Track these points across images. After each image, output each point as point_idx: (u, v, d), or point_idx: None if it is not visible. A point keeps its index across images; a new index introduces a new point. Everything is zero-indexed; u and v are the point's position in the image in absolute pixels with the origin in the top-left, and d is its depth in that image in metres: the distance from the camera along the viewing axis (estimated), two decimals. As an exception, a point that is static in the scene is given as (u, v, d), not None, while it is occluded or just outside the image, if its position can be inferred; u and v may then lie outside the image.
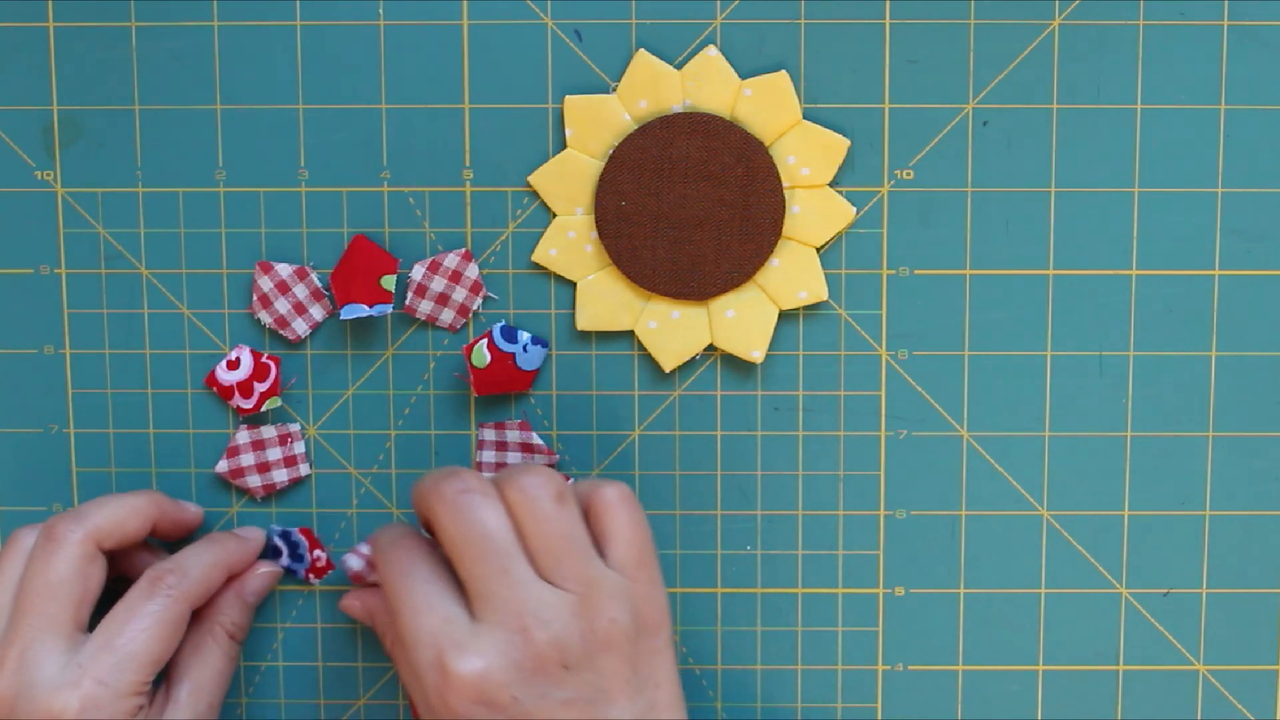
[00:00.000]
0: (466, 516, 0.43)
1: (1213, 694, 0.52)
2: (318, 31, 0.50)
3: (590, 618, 0.43)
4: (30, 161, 0.51)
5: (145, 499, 0.48)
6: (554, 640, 0.42)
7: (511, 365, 0.50)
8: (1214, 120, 0.50)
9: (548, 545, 0.44)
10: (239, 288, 0.51)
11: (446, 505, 0.44)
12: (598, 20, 0.50)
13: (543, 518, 0.44)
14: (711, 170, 0.49)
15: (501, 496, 0.44)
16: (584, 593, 0.43)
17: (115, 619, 0.46)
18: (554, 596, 0.43)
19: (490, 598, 0.43)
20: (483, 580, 0.43)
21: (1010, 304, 0.50)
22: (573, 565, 0.43)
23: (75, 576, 0.46)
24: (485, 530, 0.43)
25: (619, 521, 0.45)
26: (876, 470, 0.51)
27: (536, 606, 0.43)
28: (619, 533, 0.45)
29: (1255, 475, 0.51)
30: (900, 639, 0.52)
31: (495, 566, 0.43)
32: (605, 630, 0.43)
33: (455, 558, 0.44)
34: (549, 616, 0.42)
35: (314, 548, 0.51)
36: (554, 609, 0.43)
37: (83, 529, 0.46)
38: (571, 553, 0.44)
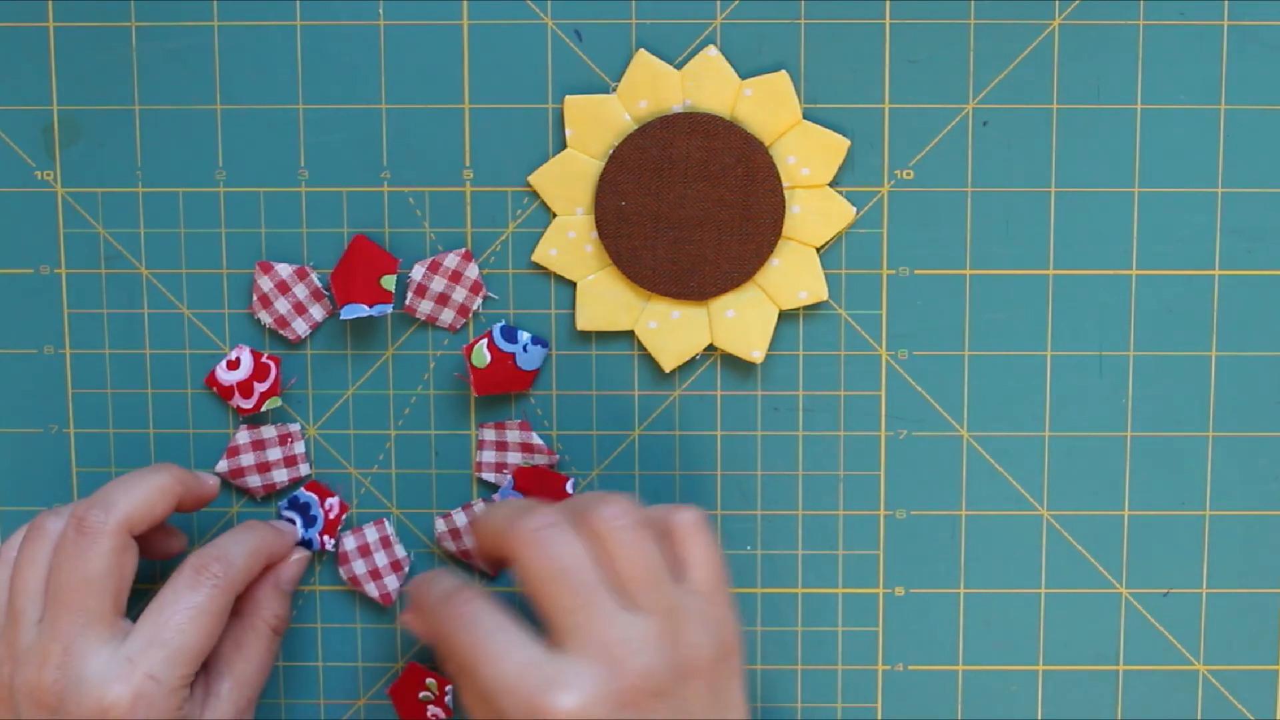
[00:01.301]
0: (549, 552, 0.43)
1: (1213, 694, 0.52)
2: (318, 31, 0.50)
3: (676, 644, 0.43)
4: (30, 161, 0.51)
5: (168, 477, 0.47)
6: (645, 670, 0.42)
7: (511, 365, 0.50)
8: (1214, 120, 0.50)
9: (631, 575, 0.43)
10: (239, 288, 0.51)
11: (526, 541, 0.43)
12: (598, 20, 0.50)
13: (624, 547, 0.43)
14: (711, 170, 0.49)
15: (580, 527, 0.44)
16: (668, 620, 0.43)
17: (163, 610, 0.45)
18: (641, 626, 0.42)
19: (578, 631, 0.42)
20: (569, 614, 0.42)
21: (1010, 304, 0.50)
22: (656, 593, 0.43)
23: (112, 568, 0.45)
24: (570, 564, 0.43)
25: (696, 546, 0.45)
26: (876, 470, 0.51)
27: (625, 637, 0.42)
28: (696, 557, 0.45)
29: (1255, 475, 0.51)
30: (900, 639, 0.52)
31: (583, 600, 0.42)
32: (690, 656, 0.43)
33: (538, 593, 0.43)
34: (639, 646, 0.42)
35: (324, 497, 0.51)
36: (642, 638, 0.42)
37: (114, 518, 0.45)
38: (654, 580, 0.43)
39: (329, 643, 0.52)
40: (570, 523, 0.44)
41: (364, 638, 0.52)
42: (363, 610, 0.52)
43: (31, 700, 0.44)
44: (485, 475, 0.51)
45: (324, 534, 0.51)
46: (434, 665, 0.52)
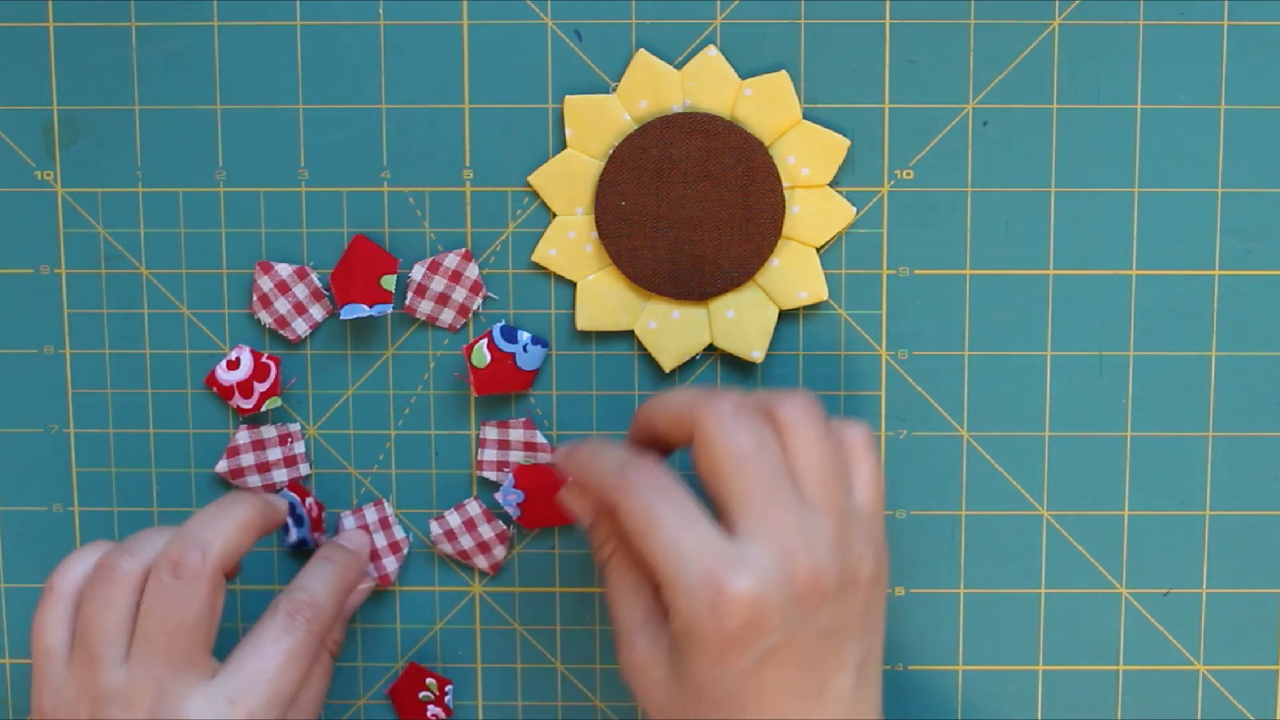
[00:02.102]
0: (738, 433, 0.42)
1: (1213, 694, 0.52)
2: (318, 31, 0.50)
3: (846, 550, 0.42)
4: (30, 161, 0.51)
5: (252, 512, 0.46)
6: (817, 567, 0.41)
7: (511, 365, 0.50)
8: (1214, 120, 0.50)
9: (814, 471, 0.43)
10: (239, 288, 0.51)
11: (717, 420, 0.42)
12: (598, 20, 0.50)
13: (811, 442, 0.43)
14: (711, 170, 0.49)
15: (768, 417, 0.43)
16: (841, 524, 0.42)
17: (260, 650, 0.45)
18: (818, 522, 0.42)
19: (759, 516, 0.41)
20: (750, 498, 0.42)
21: (1010, 304, 0.50)
22: (834, 494, 0.43)
23: (209, 610, 0.44)
24: (756, 448, 0.42)
25: (865, 463, 0.44)
26: (876, 470, 0.51)
27: (804, 530, 0.41)
28: (863, 474, 0.44)
29: (1255, 475, 0.51)
30: (900, 639, 0.52)
31: (767, 485, 0.42)
32: (855, 565, 0.42)
33: (721, 473, 0.42)
34: (815, 542, 0.41)
35: (304, 497, 0.51)
36: (819, 535, 0.42)
37: (211, 561, 0.44)
38: (834, 482, 0.43)
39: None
40: (759, 410, 0.43)
41: (364, 637, 0.52)
42: (363, 610, 0.52)
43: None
44: (486, 474, 0.51)
45: (314, 531, 0.51)
46: (433, 665, 0.52)
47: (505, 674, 0.52)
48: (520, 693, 0.52)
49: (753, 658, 0.41)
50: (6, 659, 0.53)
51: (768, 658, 0.41)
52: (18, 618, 0.52)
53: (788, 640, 0.41)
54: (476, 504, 0.51)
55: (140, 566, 0.45)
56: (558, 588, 0.52)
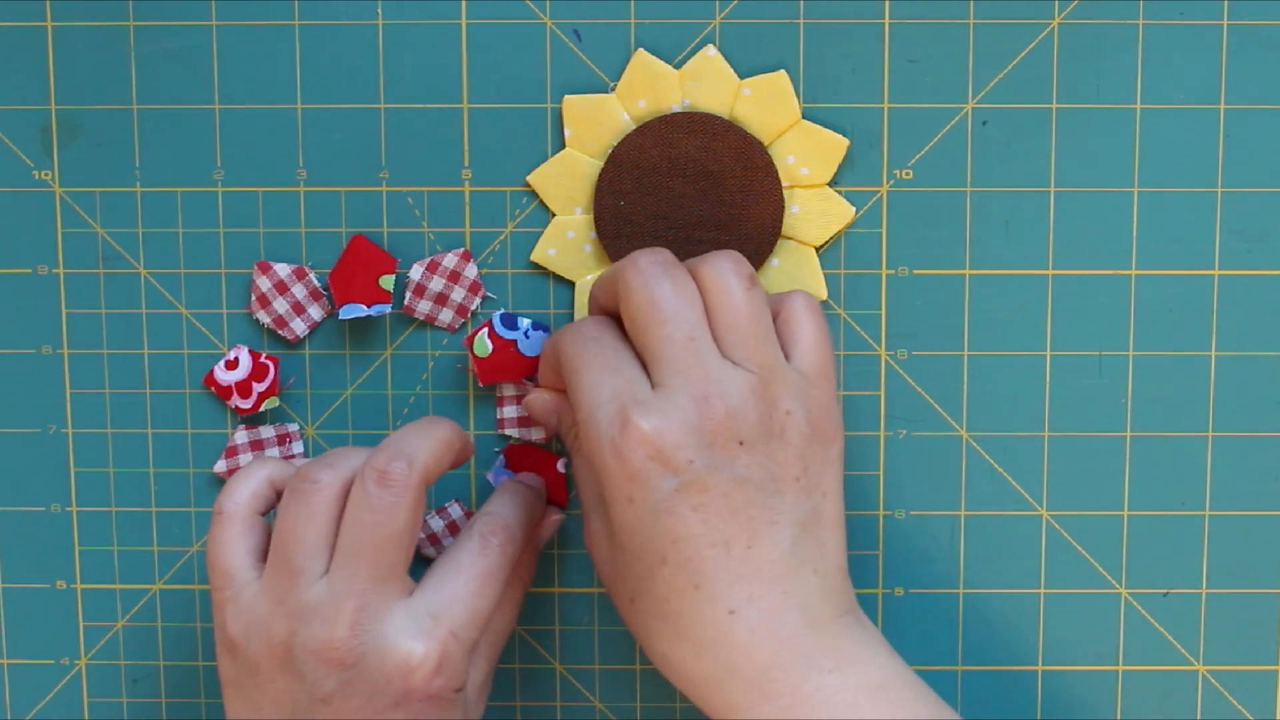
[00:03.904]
0: (658, 284, 0.43)
1: (1213, 694, 0.52)
2: (316, 31, 0.50)
3: (769, 403, 0.43)
4: (28, 161, 0.51)
5: (451, 431, 0.45)
6: (732, 413, 0.42)
7: (514, 352, 0.50)
8: (1214, 120, 0.50)
9: (735, 326, 0.43)
10: (237, 288, 0.51)
11: (638, 273, 0.44)
12: (597, 20, 0.50)
13: (733, 298, 0.44)
14: (711, 170, 0.49)
15: (693, 275, 0.44)
16: (765, 378, 0.43)
17: (459, 571, 0.44)
18: (735, 373, 0.43)
19: (673, 364, 0.42)
20: (667, 346, 0.43)
21: (1010, 304, 0.50)
22: (757, 350, 0.43)
23: (413, 523, 0.43)
24: (675, 299, 0.43)
25: (805, 327, 0.45)
26: (876, 470, 0.51)
27: (719, 378, 0.42)
28: (804, 338, 0.45)
29: (1255, 475, 0.51)
30: (900, 639, 0.52)
31: (682, 335, 0.43)
32: (781, 420, 0.43)
33: (641, 324, 0.43)
34: (730, 390, 0.42)
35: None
36: (735, 385, 0.42)
37: (418, 472, 0.43)
38: (756, 337, 0.43)
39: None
40: (683, 267, 0.44)
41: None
42: (361, 610, 0.52)
43: (320, 658, 0.42)
44: (509, 431, 0.51)
45: None
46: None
47: (504, 674, 0.52)
48: (519, 693, 0.52)
49: (662, 494, 0.42)
50: (5, 659, 0.53)
51: (680, 495, 0.42)
52: (17, 618, 0.52)
53: (702, 481, 0.42)
54: (457, 506, 0.51)
55: (341, 479, 0.44)
56: (557, 588, 0.52)
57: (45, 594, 0.52)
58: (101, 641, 0.52)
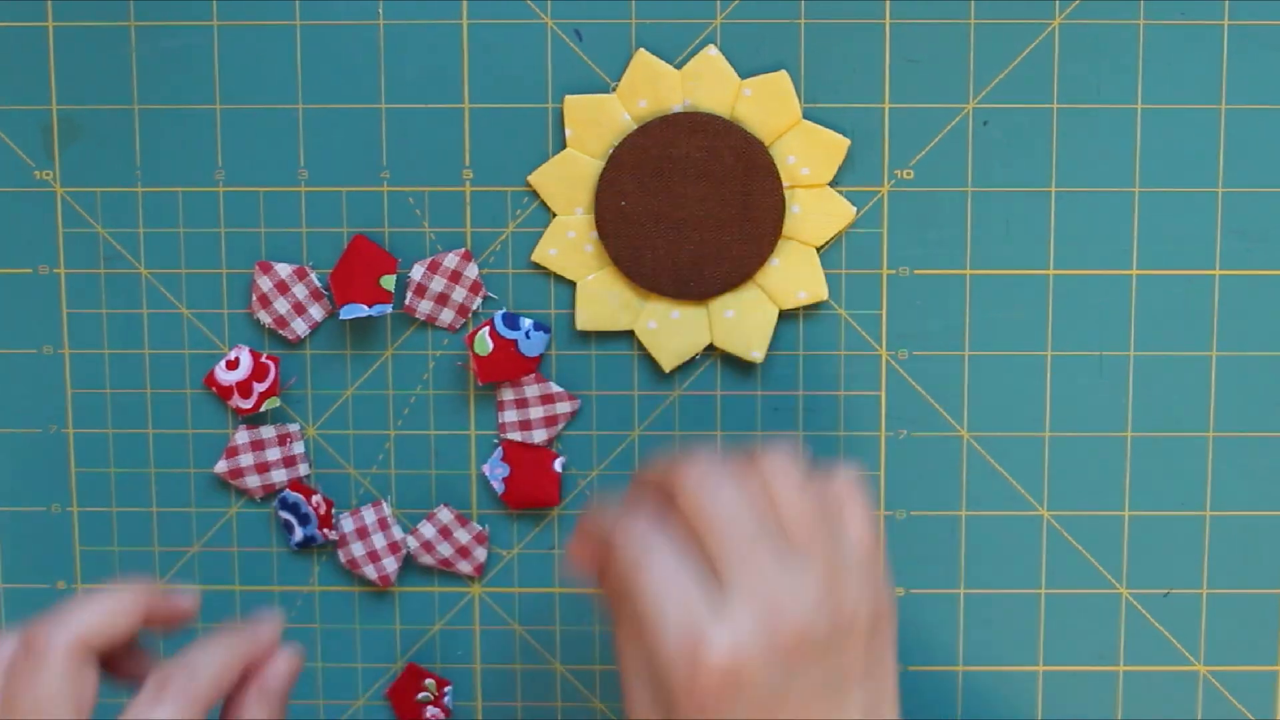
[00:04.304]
0: (716, 494, 0.42)
1: (1213, 694, 0.52)
2: (317, 31, 0.50)
3: (838, 600, 0.41)
4: (29, 161, 0.51)
5: (130, 594, 0.42)
6: (805, 620, 0.41)
7: (514, 352, 0.50)
8: (1214, 120, 0.50)
9: (798, 522, 0.42)
10: (238, 288, 0.51)
11: (695, 481, 0.42)
12: (597, 20, 0.50)
13: (793, 491, 0.42)
14: (711, 170, 0.49)
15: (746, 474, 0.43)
16: (831, 574, 0.42)
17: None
18: (805, 575, 0.41)
19: (742, 570, 0.41)
20: (733, 554, 0.41)
21: (1010, 304, 0.50)
22: (822, 544, 0.42)
23: (66, 692, 0.40)
24: (736, 507, 0.42)
25: (855, 505, 0.44)
26: (876, 470, 0.51)
27: (789, 585, 0.41)
28: (854, 517, 0.44)
29: (1255, 475, 0.51)
30: (900, 639, 0.52)
31: (747, 537, 0.41)
32: (850, 614, 0.42)
33: (705, 532, 0.42)
34: (801, 596, 0.41)
35: (308, 496, 0.51)
36: (805, 589, 0.41)
37: (66, 636, 0.40)
38: (819, 532, 0.42)
39: (328, 643, 0.52)
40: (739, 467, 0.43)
41: (363, 638, 0.52)
42: (362, 610, 0.52)
43: None
44: (510, 435, 0.51)
45: (322, 528, 0.51)
46: (432, 666, 0.52)
47: (504, 675, 0.52)
48: (519, 693, 0.52)
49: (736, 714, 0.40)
50: (5, 659, 0.52)
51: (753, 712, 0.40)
52: (16, 618, 0.52)
53: (776, 697, 0.41)
54: (447, 511, 0.51)
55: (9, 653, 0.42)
56: (557, 588, 0.52)
57: (45, 594, 0.52)
58: (102, 642, 0.52)
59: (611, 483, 0.51)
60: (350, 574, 0.52)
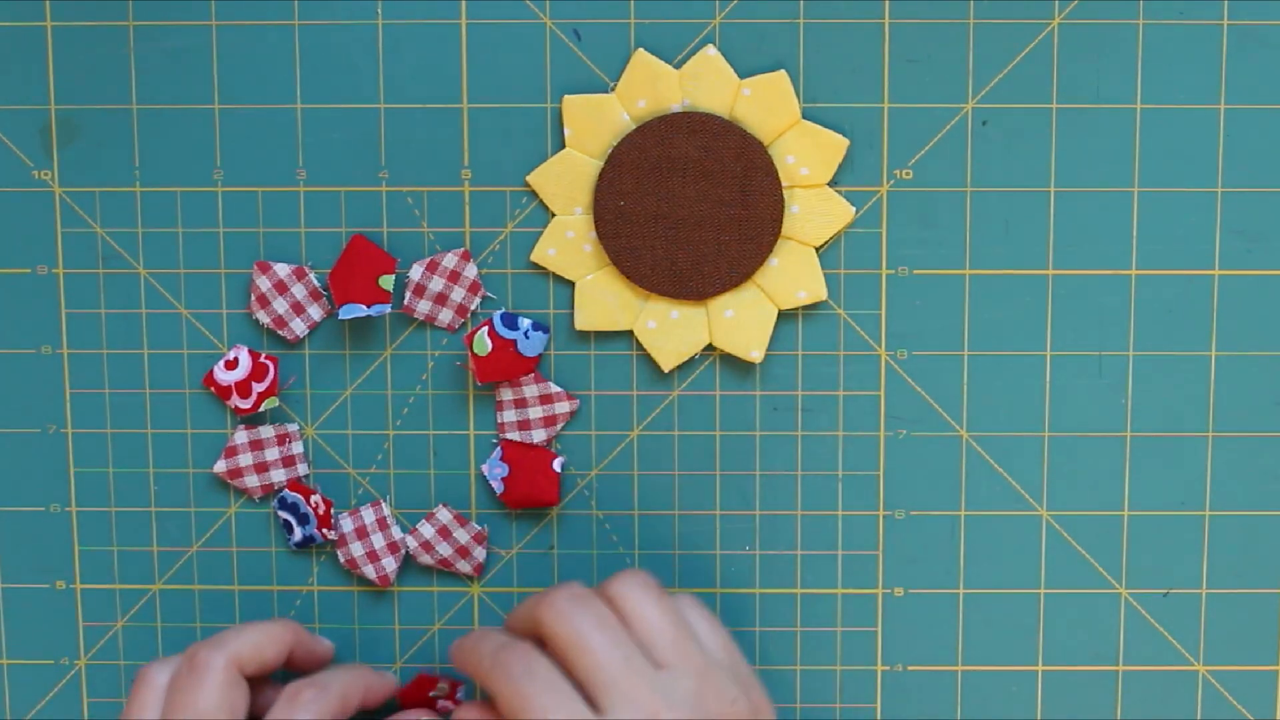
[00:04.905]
0: (579, 617, 0.44)
1: (1213, 694, 0.52)
2: (316, 31, 0.50)
3: (713, 699, 0.44)
4: (28, 161, 0.51)
5: (282, 626, 0.48)
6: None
7: (513, 352, 0.50)
8: (1214, 120, 0.50)
9: (659, 635, 0.44)
10: (237, 288, 0.51)
11: (555, 611, 0.44)
12: (596, 20, 0.50)
13: (649, 609, 0.45)
14: (710, 170, 0.49)
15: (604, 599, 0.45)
16: (701, 676, 0.44)
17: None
18: (675, 681, 0.44)
19: (615, 690, 0.43)
20: (605, 674, 0.43)
21: (1010, 304, 0.50)
22: (685, 651, 0.44)
23: (222, 704, 0.45)
24: (599, 627, 0.44)
25: (700, 621, 0.46)
26: (875, 470, 0.51)
27: (664, 691, 0.43)
28: (703, 630, 0.46)
29: (1255, 475, 0.51)
30: (900, 639, 0.52)
31: (615, 656, 0.43)
32: (727, 710, 0.44)
33: (573, 659, 0.44)
34: (677, 700, 0.43)
35: (307, 495, 0.51)
36: (680, 693, 0.43)
37: (224, 655, 0.46)
38: (680, 639, 0.45)
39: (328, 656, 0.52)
40: (590, 594, 0.45)
41: (362, 639, 0.52)
42: (361, 610, 0.52)
43: None
44: (510, 435, 0.51)
45: (321, 528, 0.51)
46: (432, 666, 0.52)
47: (504, 674, 0.52)
48: (519, 693, 0.52)
49: None
50: (5, 659, 0.53)
51: None
52: (16, 618, 0.52)
53: None
54: (446, 511, 0.51)
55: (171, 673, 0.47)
56: (557, 588, 0.52)
57: (45, 594, 0.52)
58: (101, 641, 0.52)
59: (610, 483, 0.51)
60: (349, 574, 0.52)
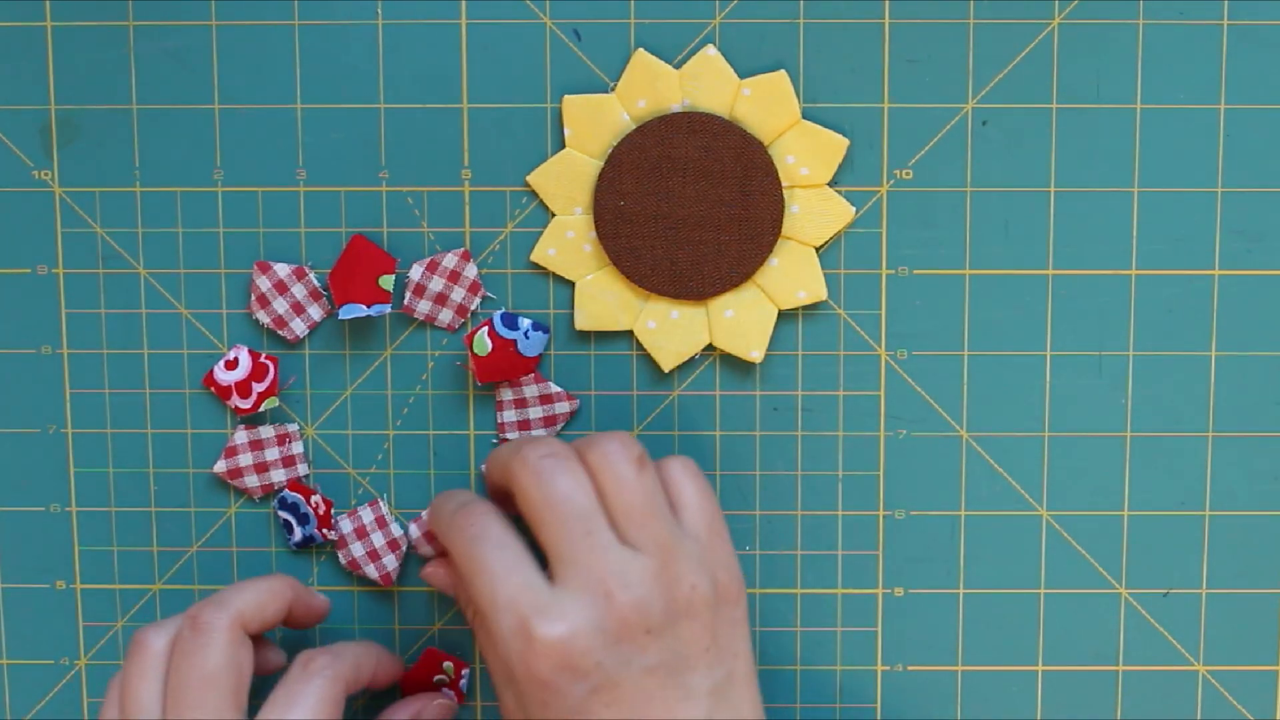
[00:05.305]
0: (550, 480, 0.43)
1: (1213, 694, 0.52)
2: (316, 31, 0.50)
3: (672, 583, 0.43)
4: (28, 161, 0.51)
5: (282, 582, 0.48)
6: (637, 604, 0.42)
7: (513, 352, 0.50)
8: (1214, 120, 0.50)
9: (629, 510, 0.43)
10: (237, 288, 0.51)
11: (529, 470, 0.43)
12: (596, 20, 0.50)
13: (624, 482, 0.44)
14: (710, 170, 0.49)
15: (582, 461, 0.44)
16: (665, 558, 0.43)
17: (275, 704, 0.45)
18: (636, 561, 0.42)
19: (573, 561, 0.42)
20: (565, 543, 0.42)
21: (1010, 304, 0.50)
22: (654, 530, 0.43)
23: (229, 663, 0.45)
24: (568, 494, 0.43)
25: (687, 489, 0.45)
26: (876, 470, 0.51)
27: (620, 570, 0.42)
28: (688, 499, 0.45)
29: (1255, 475, 0.51)
30: (900, 639, 0.52)
31: (579, 530, 0.43)
32: (686, 596, 0.43)
33: (537, 521, 0.43)
34: (632, 580, 0.42)
35: (307, 495, 0.51)
36: (637, 573, 0.42)
37: (228, 614, 0.45)
38: (652, 517, 0.43)
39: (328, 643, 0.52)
40: (573, 455, 0.44)
41: (362, 639, 0.52)
42: (362, 610, 0.52)
43: None
44: (509, 435, 0.51)
45: (321, 528, 0.51)
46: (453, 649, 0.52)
47: (504, 674, 0.52)
48: (519, 693, 0.52)
49: (574, 700, 0.42)
50: (5, 659, 0.53)
51: (592, 698, 0.42)
52: (15, 618, 0.52)
53: (612, 680, 0.42)
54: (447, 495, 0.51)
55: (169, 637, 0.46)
56: (557, 588, 0.52)
57: (45, 594, 0.52)
58: (101, 641, 0.52)
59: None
60: (349, 574, 0.52)
